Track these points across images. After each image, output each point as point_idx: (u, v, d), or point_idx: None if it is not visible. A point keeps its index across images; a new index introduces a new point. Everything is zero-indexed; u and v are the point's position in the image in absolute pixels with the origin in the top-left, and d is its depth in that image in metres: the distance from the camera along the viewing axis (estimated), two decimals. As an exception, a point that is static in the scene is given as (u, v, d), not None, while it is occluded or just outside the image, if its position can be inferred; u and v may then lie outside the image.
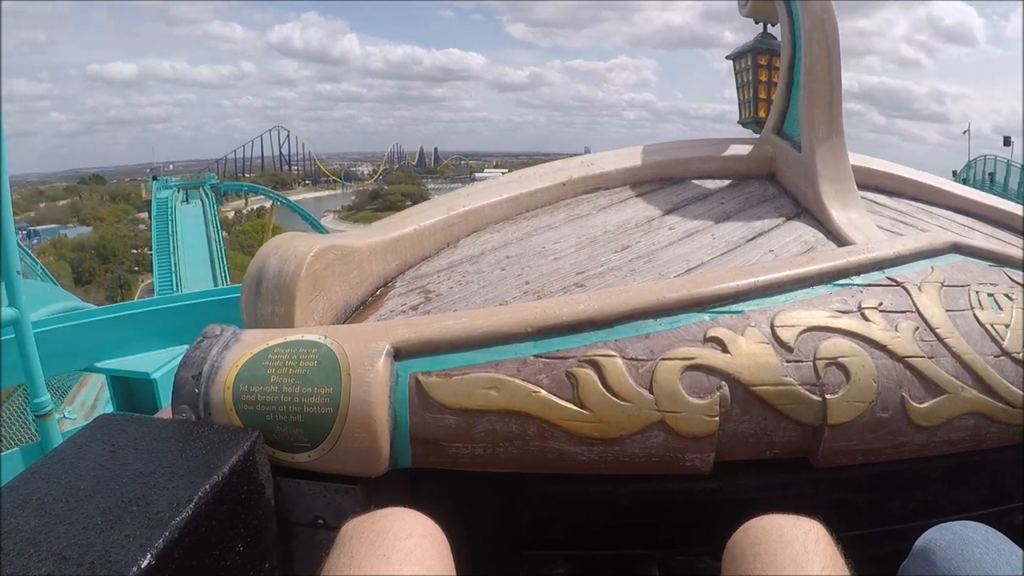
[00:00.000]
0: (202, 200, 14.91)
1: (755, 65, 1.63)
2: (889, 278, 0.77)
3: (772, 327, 0.69)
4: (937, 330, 0.71)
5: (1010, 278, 0.81)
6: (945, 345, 0.70)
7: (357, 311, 0.94)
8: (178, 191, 14.75)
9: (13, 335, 2.56)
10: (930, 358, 0.68)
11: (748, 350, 0.67)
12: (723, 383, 0.65)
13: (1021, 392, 0.69)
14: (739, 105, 1.75)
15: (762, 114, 1.62)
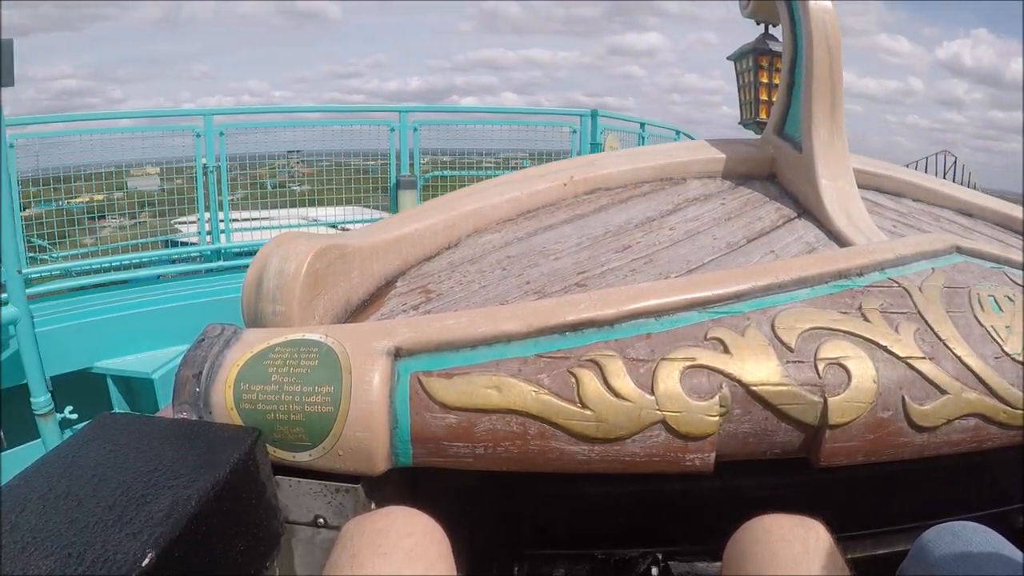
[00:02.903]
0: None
1: (756, 66, 1.63)
2: (890, 279, 0.77)
3: (773, 327, 0.69)
4: (938, 331, 0.71)
5: (1011, 279, 0.81)
6: (946, 346, 0.70)
7: (358, 310, 0.94)
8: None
9: (14, 334, 2.56)
10: (931, 359, 0.68)
11: (749, 350, 0.67)
12: (724, 383, 0.65)
13: (1022, 393, 0.69)
14: (740, 106, 1.76)
15: (763, 115, 1.62)
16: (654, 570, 0.78)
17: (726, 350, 0.66)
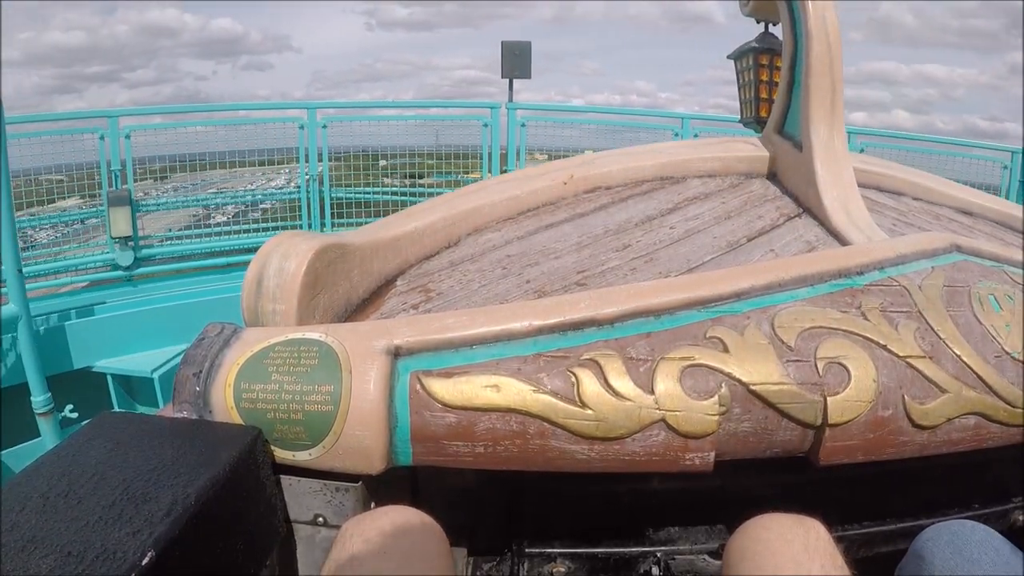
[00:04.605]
0: None
1: (756, 65, 1.63)
2: (890, 278, 0.77)
3: (773, 326, 0.69)
4: (938, 330, 0.71)
5: (1010, 278, 0.81)
6: (946, 345, 0.70)
7: (358, 309, 0.94)
8: None
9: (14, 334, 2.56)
10: (930, 358, 0.68)
11: (748, 349, 0.67)
12: (723, 382, 0.65)
13: (1021, 392, 0.69)
14: (740, 105, 1.76)
15: (763, 114, 1.62)
16: (655, 569, 0.78)
17: (726, 349, 0.66)
